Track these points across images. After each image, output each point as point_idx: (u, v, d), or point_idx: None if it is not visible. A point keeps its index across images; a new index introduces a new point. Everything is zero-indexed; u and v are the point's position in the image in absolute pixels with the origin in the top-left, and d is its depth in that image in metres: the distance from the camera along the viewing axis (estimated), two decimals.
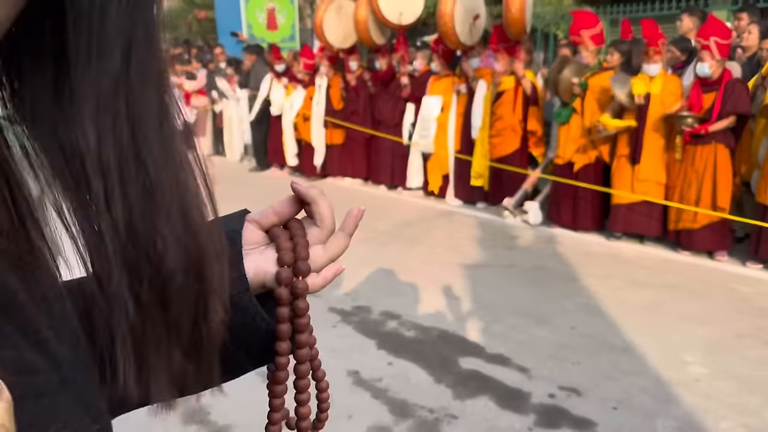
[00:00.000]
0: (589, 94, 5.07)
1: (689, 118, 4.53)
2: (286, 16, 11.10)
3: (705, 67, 4.44)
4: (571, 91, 5.12)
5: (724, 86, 4.40)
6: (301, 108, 7.73)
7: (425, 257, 4.80)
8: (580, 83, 5.07)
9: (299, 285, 0.49)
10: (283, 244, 0.50)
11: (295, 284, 0.48)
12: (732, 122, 4.42)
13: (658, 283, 4.21)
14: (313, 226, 0.53)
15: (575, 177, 5.21)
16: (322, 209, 0.53)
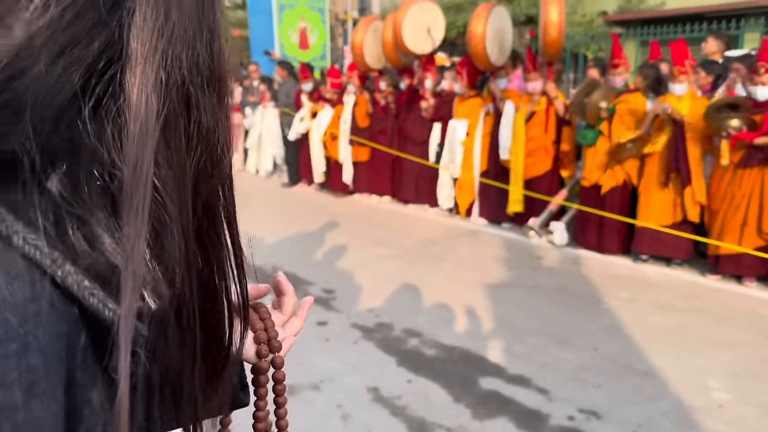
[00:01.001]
0: (616, 117, 5.07)
1: (735, 120, 4.42)
2: (317, 36, 11.34)
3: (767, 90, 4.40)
4: (598, 114, 5.13)
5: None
6: (329, 126, 7.87)
7: (449, 275, 4.84)
8: (608, 108, 5.06)
9: (277, 360, 0.60)
10: (257, 325, 0.61)
11: (275, 359, 0.60)
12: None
13: (684, 307, 4.17)
14: (275, 310, 0.66)
15: (602, 199, 5.20)
16: (289, 301, 0.66)
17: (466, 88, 6.50)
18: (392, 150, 7.24)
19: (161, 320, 0.38)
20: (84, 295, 0.34)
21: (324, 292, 4.41)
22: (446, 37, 10.67)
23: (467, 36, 6.00)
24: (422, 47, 6.75)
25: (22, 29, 0.31)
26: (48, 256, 0.32)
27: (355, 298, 4.30)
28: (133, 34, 0.35)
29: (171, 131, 0.37)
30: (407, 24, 6.55)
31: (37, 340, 0.31)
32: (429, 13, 6.81)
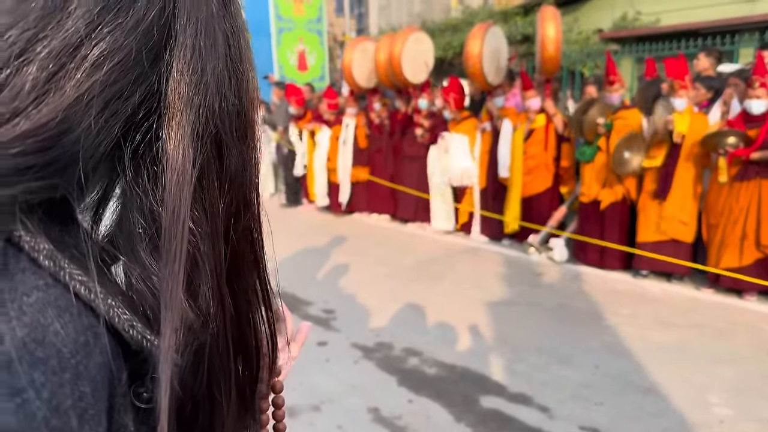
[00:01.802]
0: (613, 133, 5.11)
1: (732, 137, 4.45)
2: (316, 58, 11.46)
3: (762, 104, 4.43)
4: (596, 131, 5.17)
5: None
6: (329, 150, 7.93)
7: (449, 294, 4.84)
8: (606, 124, 5.11)
9: (277, 385, 0.62)
10: None
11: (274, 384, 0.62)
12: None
13: (685, 323, 4.17)
14: None
15: (601, 215, 5.23)
16: (289, 327, 0.69)
17: (455, 112, 6.54)
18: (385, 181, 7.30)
19: (197, 355, 0.41)
20: (125, 327, 0.36)
21: (324, 312, 4.42)
22: (443, 57, 10.80)
23: (464, 56, 6.08)
24: (419, 77, 6.90)
25: (73, 89, 0.34)
26: (92, 291, 0.35)
27: (355, 317, 4.31)
28: (171, 88, 0.38)
29: (205, 177, 0.41)
30: (406, 56, 6.67)
31: (87, 369, 0.33)
32: (422, 44, 6.95)
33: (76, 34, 0.35)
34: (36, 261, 0.33)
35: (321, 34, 11.61)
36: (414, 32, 6.94)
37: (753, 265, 4.54)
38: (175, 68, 0.38)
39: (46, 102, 0.34)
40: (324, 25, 11.76)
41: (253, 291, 0.49)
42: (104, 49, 0.35)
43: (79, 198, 0.37)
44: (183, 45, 0.38)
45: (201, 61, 0.39)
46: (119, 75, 0.36)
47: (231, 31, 0.42)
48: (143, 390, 0.38)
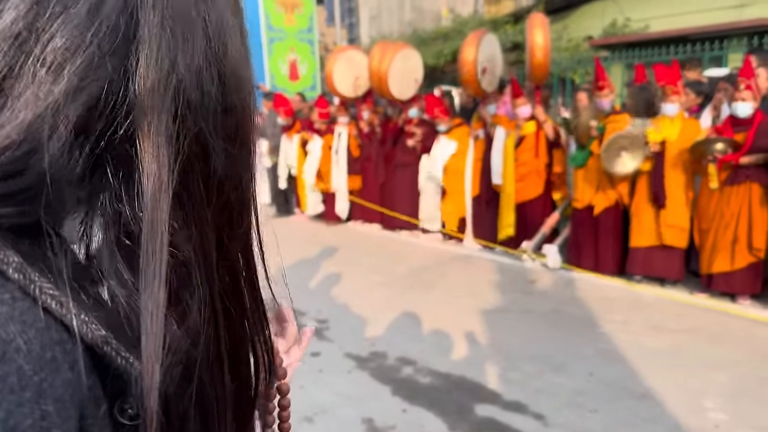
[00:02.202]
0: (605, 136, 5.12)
1: (719, 143, 4.46)
2: (307, 67, 11.49)
3: (748, 107, 4.46)
4: (589, 134, 5.19)
5: (757, 125, 4.40)
6: (321, 160, 7.91)
7: (443, 302, 4.82)
8: (598, 127, 5.13)
9: (283, 387, 0.60)
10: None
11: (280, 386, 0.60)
12: (764, 158, 4.39)
13: (679, 328, 4.16)
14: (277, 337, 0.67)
15: (595, 221, 5.23)
16: (291, 329, 0.67)
17: (447, 121, 6.56)
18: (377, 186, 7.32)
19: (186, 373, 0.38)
20: (98, 343, 0.34)
21: (317, 322, 4.39)
22: (434, 65, 10.84)
23: (459, 63, 6.08)
24: (406, 93, 6.89)
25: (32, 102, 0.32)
26: (64, 306, 0.33)
27: (349, 327, 4.28)
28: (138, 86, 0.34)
29: (188, 182, 0.37)
30: (393, 74, 6.68)
31: (52, 387, 0.31)
32: (410, 60, 6.95)
33: (15, 24, 0.32)
34: (4, 274, 0.31)
35: (312, 43, 11.64)
36: (401, 49, 6.94)
37: (745, 268, 4.55)
38: (142, 63, 0.34)
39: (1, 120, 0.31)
40: (315, 35, 11.79)
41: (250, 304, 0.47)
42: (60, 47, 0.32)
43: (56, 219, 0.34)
44: (150, 36, 0.35)
45: (171, 55, 0.35)
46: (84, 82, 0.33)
47: (214, 23, 0.38)
48: (128, 407, 0.36)
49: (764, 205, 4.46)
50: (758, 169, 4.45)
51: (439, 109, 6.54)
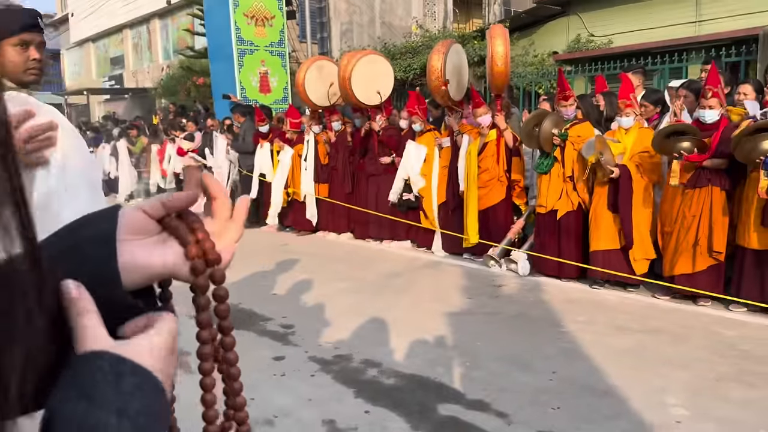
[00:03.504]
0: (568, 143, 5.20)
1: (686, 143, 4.51)
2: (278, 80, 11.47)
3: (714, 113, 4.55)
4: (552, 142, 5.26)
5: (722, 130, 4.51)
6: (291, 165, 7.90)
7: (410, 306, 4.80)
8: (560, 134, 5.20)
9: (217, 274, 0.51)
10: (188, 237, 0.50)
11: (214, 274, 0.51)
12: (725, 164, 4.50)
13: (641, 328, 4.20)
14: (207, 217, 0.54)
15: (558, 225, 5.28)
16: (221, 204, 0.54)
17: (423, 122, 6.66)
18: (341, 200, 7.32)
19: None
20: None
21: (282, 327, 4.32)
22: (404, 78, 10.93)
23: (428, 70, 6.14)
24: (373, 99, 6.90)
25: None
26: None
27: (314, 331, 4.22)
28: None
29: None
30: (357, 77, 6.70)
31: None
32: (376, 64, 6.96)
33: None
34: None
35: (283, 56, 11.65)
36: (367, 54, 6.98)
37: (706, 271, 4.63)
38: None
39: None
40: (286, 48, 11.80)
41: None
42: None
43: None
44: None
45: None
46: None
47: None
48: None
49: (724, 209, 4.56)
50: (719, 173, 4.56)
51: (420, 108, 6.61)
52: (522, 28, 11.37)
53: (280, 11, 11.47)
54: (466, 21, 18.40)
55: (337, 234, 7.77)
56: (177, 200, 0.51)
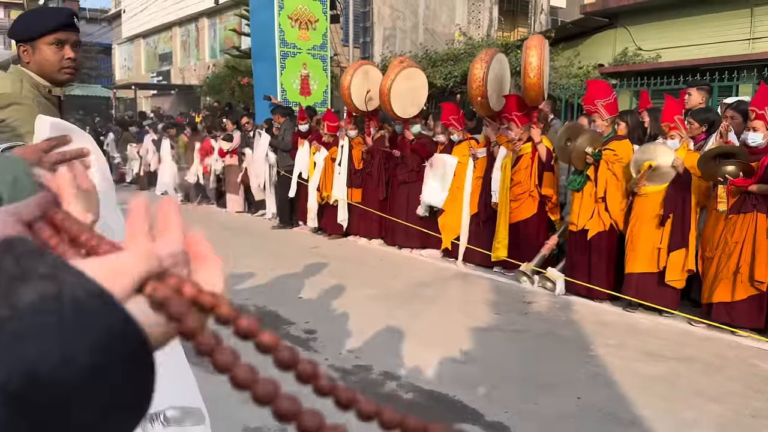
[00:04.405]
0: (602, 162, 5.06)
1: (731, 166, 4.33)
2: (318, 83, 11.54)
3: (758, 136, 4.38)
4: (585, 160, 5.12)
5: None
6: (323, 168, 7.94)
7: (436, 318, 4.74)
8: (594, 153, 5.05)
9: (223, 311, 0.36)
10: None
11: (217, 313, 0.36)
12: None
13: (674, 356, 4.04)
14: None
15: (589, 244, 5.15)
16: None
17: (461, 132, 6.62)
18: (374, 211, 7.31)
19: None
20: None
21: (304, 333, 4.31)
22: (444, 86, 10.86)
23: (469, 79, 6.09)
24: (409, 112, 6.91)
25: None
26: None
27: (337, 339, 4.20)
28: None
29: None
30: (395, 93, 6.72)
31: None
32: (413, 80, 6.95)
33: None
34: None
35: (325, 60, 11.71)
36: (406, 68, 6.97)
37: (746, 300, 4.43)
38: None
39: None
40: (328, 52, 11.87)
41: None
42: None
43: None
44: None
45: None
46: None
47: None
48: None
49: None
50: (766, 199, 4.37)
51: (455, 118, 6.57)
52: (568, 38, 11.18)
53: (324, 15, 11.54)
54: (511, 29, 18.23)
55: (368, 239, 7.76)
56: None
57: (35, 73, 2.10)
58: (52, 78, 2.12)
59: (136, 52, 28.77)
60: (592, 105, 5.07)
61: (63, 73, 2.12)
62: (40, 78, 2.11)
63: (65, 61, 2.11)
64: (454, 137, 6.69)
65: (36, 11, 2.18)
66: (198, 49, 23.34)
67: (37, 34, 2.07)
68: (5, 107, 1.99)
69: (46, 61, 2.09)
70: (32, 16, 2.14)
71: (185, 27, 24.16)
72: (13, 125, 1.94)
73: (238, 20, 17.28)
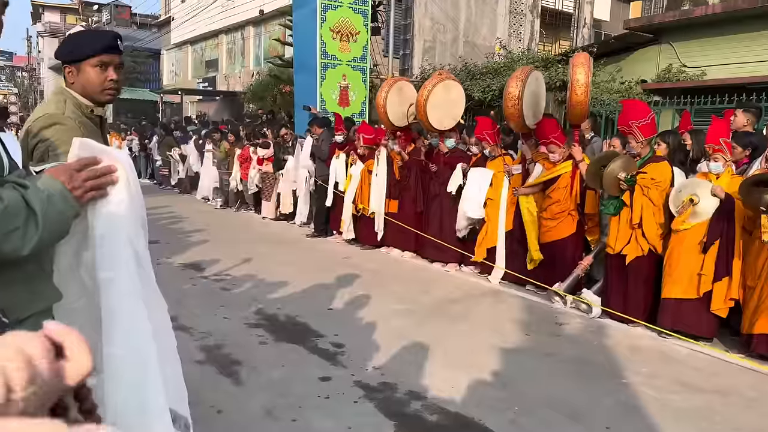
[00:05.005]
0: (637, 188, 4.93)
1: None
2: (357, 94, 11.65)
3: None
4: (617, 186, 4.99)
5: None
6: (360, 180, 8.00)
7: (464, 336, 4.71)
8: (627, 179, 4.92)
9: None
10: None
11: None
12: None
13: (709, 387, 3.92)
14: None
15: (627, 269, 5.03)
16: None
17: (495, 147, 6.60)
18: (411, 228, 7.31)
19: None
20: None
21: (333, 346, 4.34)
22: (482, 99, 10.83)
23: (504, 97, 6.06)
24: (445, 124, 6.94)
25: None
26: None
27: (364, 354, 4.21)
28: None
29: None
30: (432, 104, 6.76)
31: None
32: (450, 92, 6.98)
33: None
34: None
35: (364, 71, 11.82)
36: (444, 80, 6.99)
37: None
38: None
39: None
40: (368, 64, 11.98)
41: None
42: None
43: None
44: None
45: None
46: None
47: None
48: None
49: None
50: None
51: (488, 133, 6.55)
52: (610, 53, 11.01)
53: (365, 28, 11.65)
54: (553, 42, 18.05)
55: (401, 251, 7.77)
56: None
57: (79, 94, 2.20)
58: (94, 98, 2.21)
59: (183, 58, 29.55)
60: (627, 126, 4.97)
61: (105, 94, 2.21)
62: (83, 98, 2.20)
63: (108, 83, 2.19)
64: (486, 152, 6.67)
65: (82, 34, 2.27)
66: (243, 56, 23.84)
67: (82, 56, 2.16)
68: (49, 127, 2.08)
69: (89, 82, 2.18)
70: (78, 38, 2.23)
71: (231, 35, 24.72)
72: (54, 144, 2.03)
73: (282, 30, 17.58)
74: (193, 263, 6.90)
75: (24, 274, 1.35)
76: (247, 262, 6.95)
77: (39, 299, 1.40)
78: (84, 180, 1.38)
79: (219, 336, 4.48)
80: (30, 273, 1.38)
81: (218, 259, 7.07)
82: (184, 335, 4.46)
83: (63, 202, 1.32)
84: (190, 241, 8.32)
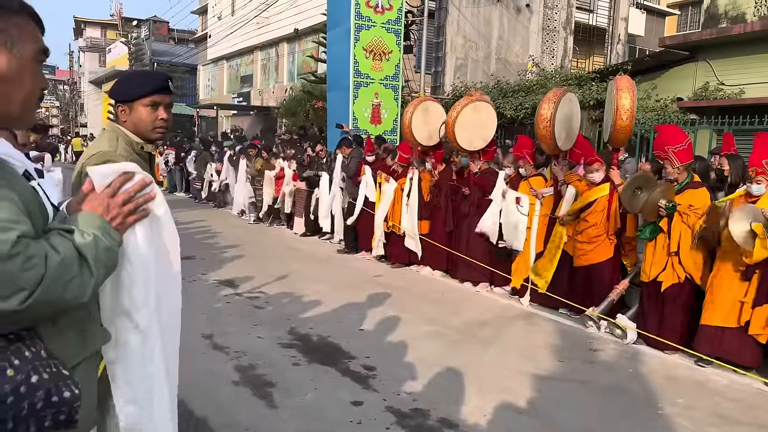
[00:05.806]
0: (676, 215, 4.87)
1: None
2: (389, 112, 11.77)
3: None
4: (657, 212, 4.93)
5: None
6: (393, 199, 8.07)
7: (495, 362, 4.70)
8: (667, 206, 4.87)
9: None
10: None
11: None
12: None
13: (748, 420, 3.83)
14: None
15: (662, 296, 4.96)
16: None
17: (531, 167, 6.61)
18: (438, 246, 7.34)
19: None
20: None
21: (364, 369, 4.38)
22: (514, 117, 10.81)
23: (536, 118, 6.06)
24: (474, 144, 6.95)
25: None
26: None
27: (395, 378, 4.23)
28: None
29: None
30: (460, 125, 6.82)
31: None
32: (481, 113, 6.99)
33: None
34: None
35: (396, 90, 11.94)
36: (475, 101, 7.02)
37: None
38: None
39: None
40: (400, 82, 12.10)
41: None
42: None
43: None
44: None
45: None
46: None
47: None
48: None
49: None
50: None
51: (528, 152, 6.56)
52: (645, 71, 10.90)
53: (398, 47, 11.78)
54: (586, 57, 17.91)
55: (431, 269, 7.79)
56: None
57: (130, 131, 2.30)
58: (145, 136, 2.32)
59: (219, 73, 30.22)
60: (663, 151, 4.91)
61: (156, 132, 2.32)
62: (134, 136, 2.31)
63: (158, 122, 2.30)
64: (522, 171, 6.68)
65: (135, 75, 2.39)
66: (277, 72, 24.27)
67: (135, 96, 2.28)
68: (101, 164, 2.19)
69: (141, 121, 2.29)
70: (131, 79, 2.35)
71: (266, 51, 25.21)
72: None
73: (315, 46, 17.87)
74: (228, 280, 7.03)
75: (75, 320, 1.36)
76: (280, 280, 7.05)
77: (90, 343, 1.41)
78: (121, 205, 1.41)
79: (253, 356, 4.56)
80: (81, 318, 1.38)
81: (252, 276, 7.20)
82: (220, 355, 4.56)
83: (107, 238, 1.31)
84: (224, 256, 8.49)
